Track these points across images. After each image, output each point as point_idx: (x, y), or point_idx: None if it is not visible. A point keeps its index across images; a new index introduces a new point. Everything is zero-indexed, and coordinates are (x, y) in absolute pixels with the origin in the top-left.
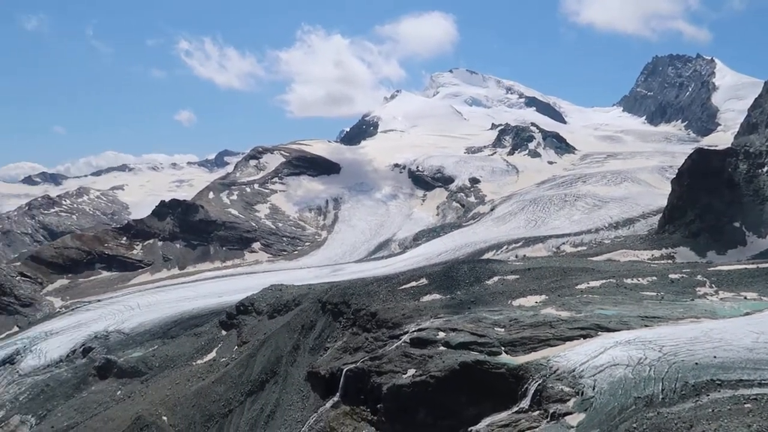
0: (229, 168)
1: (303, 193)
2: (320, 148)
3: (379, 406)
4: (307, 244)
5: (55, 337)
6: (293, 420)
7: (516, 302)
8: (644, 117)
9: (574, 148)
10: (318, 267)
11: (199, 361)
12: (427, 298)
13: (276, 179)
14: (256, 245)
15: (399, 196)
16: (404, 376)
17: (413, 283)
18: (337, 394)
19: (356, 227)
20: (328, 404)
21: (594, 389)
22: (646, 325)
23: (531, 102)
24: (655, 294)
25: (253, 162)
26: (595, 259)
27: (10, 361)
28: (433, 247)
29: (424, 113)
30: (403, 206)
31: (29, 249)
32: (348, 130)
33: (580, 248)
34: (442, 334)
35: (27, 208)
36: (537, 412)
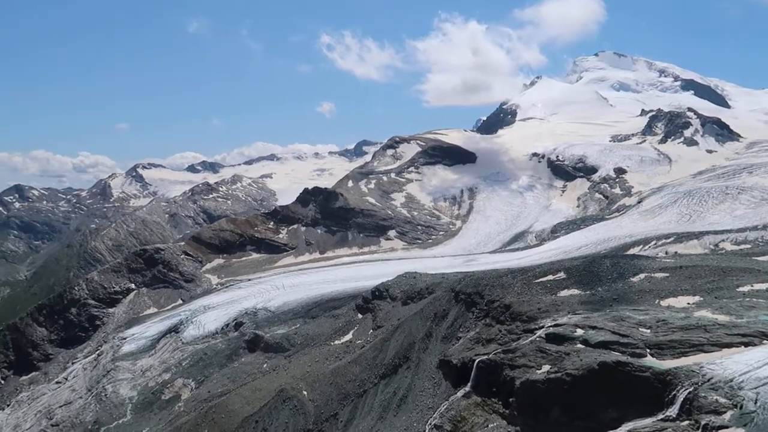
0: (367, 157)
1: (438, 183)
2: (456, 137)
3: (511, 399)
4: (441, 233)
5: (212, 311)
6: (424, 406)
7: (665, 302)
8: None
9: (739, 136)
10: (451, 256)
11: (336, 342)
12: (564, 292)
13: (412, 168)
14: (392, 233)
15: (537, 186)
16: (538, 371)
17: (550, 277)
18: (469, 384)
19: (491, 218)
20: (460, 393)
21: (756, 403)
22: None
23: (688, 85)
24: None
25: (390, 151)
26: (761, 259)
27: (175, 330)
28: (573, 240)
29: (565, 100)
30: (540, 197)
31: (191, 230)
32: (485, 118)
33: (743, 246)
34: (580, 331)
35: (190, 193)
36: (686, 422)
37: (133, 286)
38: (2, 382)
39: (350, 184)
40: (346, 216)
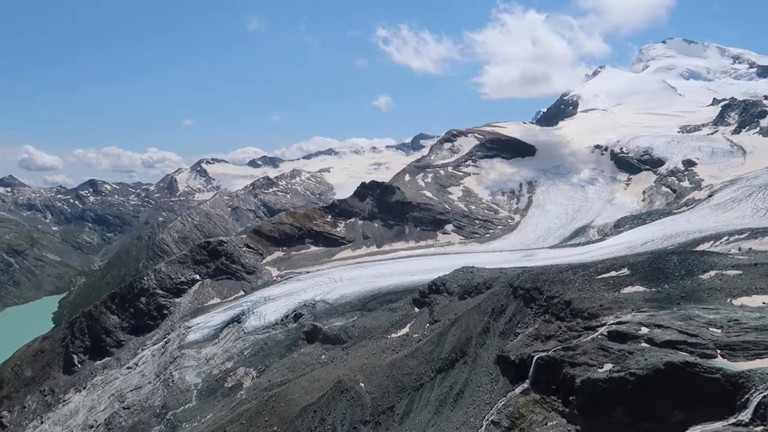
0: (425, 151)
1: (496, 176)
2: (514, 130)
3: (571, 398)
4: (499, 227)
5: (272, 303)
6: (482, 401)
7: (737, 301)
8: None
9: None
10: (509, 251)
11: (393, 335)
12: (628, 289)
13: (469, 162)
14: (449, 227)
15: (599, 179)
16: (600, 370)
17: (613, 273)
18: (527, 380)
19: (551, 212)
20: (518, 390)
21: None
22: None
23: (765, 72)
24: None
25: (447, 145)
26: None
27: (237, 320)
28: (637, 235)
29: (630, 90)
30: (603, 191)
31: (252, 223)
32: (545, 110)
33: None
34: (645, 330)
35: (251, 187)
36: (761, 428)
37: (197, 277)
38: (79, 366)
39: (407, 177)
40: (403, 210)
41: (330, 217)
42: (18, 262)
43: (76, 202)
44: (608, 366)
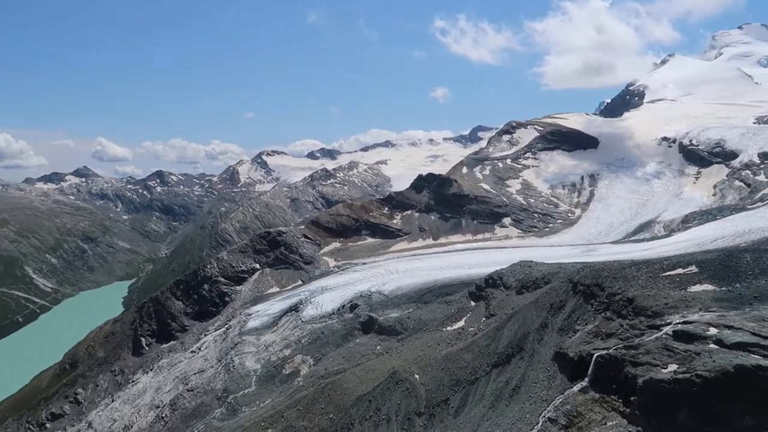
0: (482, 143)
1: (556, 169)
2: (576, 121)
3: (632, 398)
4: (559, 221)
5: (329, 293)
6: (538, 398)
7: None
8: None
9: None
10: (569, 246)
11: (448, 328)
12: (696, 288)
13: (529, 154)
14: (507, 220)
15: (666, 173)
16: (664, 370)
17: (679, 270)
18: (586, 378)
19: (613, 206)
20: (576, 388)
21: None
22: None
23: None
24: None
25: (506, 137)
26: None
27: (295, 309)
28: (707, 232)
29: (702, 79)
30: (670, 184)
31: (311, 214)
32: (609, 101)
33: None
34: (713, 331)
35: (309, 179)
36: None
37: (257, 266)
38: (147, 348)
39: (464, 170)
40: (460, 202)
41: (386, 209)
42: (91, 248)
43: (145, 192)
44: (673, 367)
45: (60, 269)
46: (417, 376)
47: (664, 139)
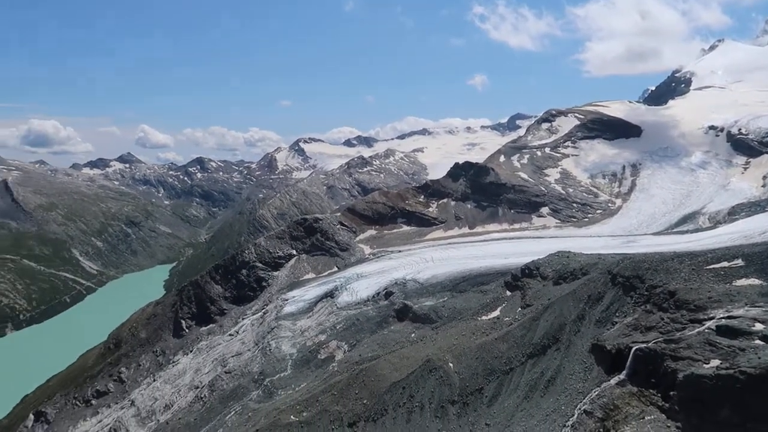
0: (521, 131)
1: (596, 158)
2: (618, 109)
3: (672, 393)
4: (598, 211)
5: (364, 280)
6: (574, 390)
7: None
8: None
9: None
10: (609, 237)
11: (483, 317)
12: (741, 282)
13: (568, 143)
14: (545, 210)
15: (712, 163)
16: (706, 366)
17: (725, 264)
18: (624, 372)
19: (656, 196)
20: (613, 381)
21: None
22: None
23: None
24: None
25: (545, 125)
26: None
27: (330, 295)
28: (755, 224)
29: (753, 65)
30: (717, 175)
31: (347, 202)
32: (653, 88)
33: None
34: (759, 326)
35: (346, 166)
36: None
37: (294, 252)
38: (187, 330)
39: (502, 158)
40: (497, 191)
41: (422, 197)
42: (134, 232)
43: (185, 178)
44: (715, 362)
45: (105, 252)
46: (451, 365)
47: (712, 127)
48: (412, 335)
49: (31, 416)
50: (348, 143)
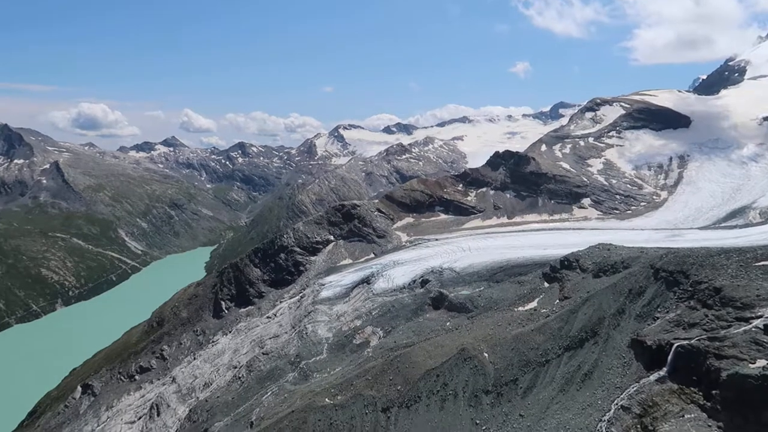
0: (564, 120)
1: (642, 149)
2: (667, 98)
3: (714, 392)
4: (642, 204)
5: (401, 267)
6: (611, 384)
7: None
8: None
9: None
10: (653, 230)
11: (520, 308)
12: None
13: (613, 133)
14: (586, 201)
15: (766, 156)
16: (752, 365)
17: None
18: (665, 368)
19: (703, 189)
20: (653, 377)
21: None
22: None
23: None
24: None
25: (589, 114)
26: None
27: (367, 281)
28: None
29: None
30: None
31: (385, 189)
32: (704, 77)
33: None
34: None
35: (385, 153)
36: None
37: (331, 237)
38: (226, 311)
39: (543, 148)
40: (537, 181)
41: (461, 185)
42: (178, 215)
43: (227, 162)
44: (762, 362)
45: (149, 233)
46: (486, 355)
47: (766, 119)
48: (448, 324)
49: (79, 388)
50: (387, 130)
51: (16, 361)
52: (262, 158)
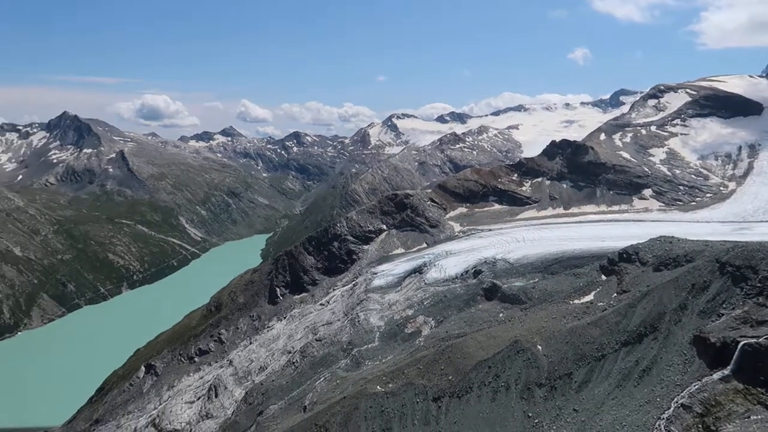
0: (625, 108)
1: (708, 138)
2: (737, 84)
3: None
4: (708, 195)
5: (453, 257)
6: (671, 382)
7: None
8: None
9: None
10: (719, 222)
11: (576, 301)
12: None
13: (677, 121)
14: (647, 192)
15: None
16: None
17: None
18: (729, 367)
19: None
20: (716, 376)
21: None
22: None
23: None
24: None
25: (651, 102)
26: None
27: (419, 271)
28: None
29: None
30: None
31: (438, 178)
32: None
33: None
34: None
35: (438, 143)
36: None
37: (384, 227)
38: (281, 298)
39: (602, 137)
40: (596, 171)
41: (516, 175)
42: (235, 203)
43: (282, 151)
44: None
45: (208, 221)
46: (539, 347)
47: None
48: (500, 315)
49: (143, 368)
50: (441, 119)
51: (86, 340)
52: (316, 147)
